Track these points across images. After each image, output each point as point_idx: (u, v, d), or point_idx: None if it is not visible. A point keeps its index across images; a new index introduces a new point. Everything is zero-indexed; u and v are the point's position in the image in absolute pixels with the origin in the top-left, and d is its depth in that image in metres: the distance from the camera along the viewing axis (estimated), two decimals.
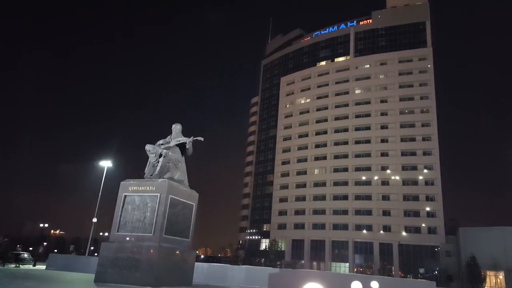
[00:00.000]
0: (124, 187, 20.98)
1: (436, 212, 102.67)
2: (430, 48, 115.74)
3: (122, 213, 20.41)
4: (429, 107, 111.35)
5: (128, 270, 18.88)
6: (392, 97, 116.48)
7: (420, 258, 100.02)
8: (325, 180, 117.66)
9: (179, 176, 22.03)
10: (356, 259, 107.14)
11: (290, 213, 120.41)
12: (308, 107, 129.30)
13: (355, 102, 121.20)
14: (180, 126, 23.39)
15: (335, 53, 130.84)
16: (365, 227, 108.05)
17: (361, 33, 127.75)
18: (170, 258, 20.02)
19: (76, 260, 39.50)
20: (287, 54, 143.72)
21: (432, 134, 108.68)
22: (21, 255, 51.35)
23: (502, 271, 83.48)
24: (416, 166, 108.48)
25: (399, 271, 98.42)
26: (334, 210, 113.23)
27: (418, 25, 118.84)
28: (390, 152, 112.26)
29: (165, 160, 21.57)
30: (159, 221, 19.54)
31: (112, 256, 19.46)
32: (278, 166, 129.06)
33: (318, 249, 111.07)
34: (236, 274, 29.83)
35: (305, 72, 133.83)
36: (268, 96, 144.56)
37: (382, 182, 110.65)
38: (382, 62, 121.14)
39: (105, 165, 53.31)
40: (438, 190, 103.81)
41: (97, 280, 19.21)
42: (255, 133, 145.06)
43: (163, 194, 19.90)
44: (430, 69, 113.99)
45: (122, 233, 20.08)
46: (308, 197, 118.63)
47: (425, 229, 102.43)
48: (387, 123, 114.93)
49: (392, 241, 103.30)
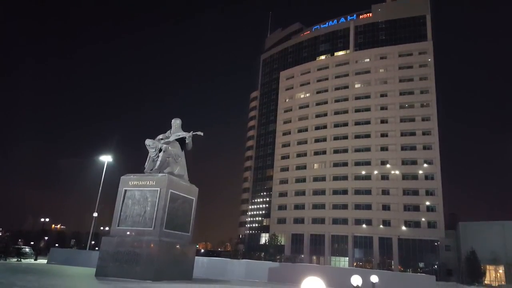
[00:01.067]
0: (124, 181, 21.08)
1: (436, 206, 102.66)
2: (430, 42, 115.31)
3: (122, 208, 20.53)
4: (429, 101, 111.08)
5: (128, 264, 19.00)
6: (392, 91, 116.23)
7: (419, 252, 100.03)
8: (325, 175, 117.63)
9: (179, 171, 22.11)
10: (356, 254, 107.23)
11: (290, 207, 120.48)
12: (307, 102, 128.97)
13: (355, 96, 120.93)
14: (180, 121, 23.46)
15: (335, 47, 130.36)
16: (365, 221, 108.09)
17: (361, 26, 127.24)
18: (170, 252, 20.14)
19: (77, 254, 39.67)
20: (287, 48, 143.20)
21: (432, 128, 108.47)
22: (22, 249, 51.52)
23: (501, 265, 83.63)
24: (416, 161, 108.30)
25: (398, 265, 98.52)
26: (333, 204, 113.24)
27: (418, 18, 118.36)
28: (390, 146, 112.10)
29: (165, 155, 21.63)
30: (159, 215, 19.64)
31: (113, 250, 19.57)
32: (278, 161, 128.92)
33: (318, 244, 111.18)
34: (236, 268, 29.99)
35: (304, 66, 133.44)
36: (268, 90, 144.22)
37: (382, 177, 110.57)
38: (382, 56, 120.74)
39: (106, 160, 53.42)
40: (438, 185, 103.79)
41: (98, 274, 19.33)
42: (254, 128, 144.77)
43: (163, 189, 20.00)
44: (430, 63, 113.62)
45: (123, 227, 20.19)
46: (308, 192, 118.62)
47: (425, 223, 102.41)
48: (387, 117, 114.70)
49: (392, 235, 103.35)
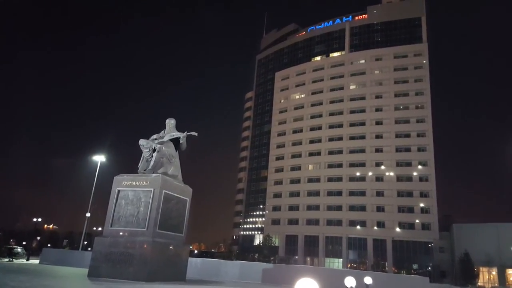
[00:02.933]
0: (117, 182, 20.88)
1: (430, 208, 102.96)
2: (425, 44, 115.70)
3: (115, 208, 20.33)
4: (424, 103, 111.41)
5: (121, 265, 18.82)
6: (387, 92, 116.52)
7: (413, 254, 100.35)
8: (319, 176, 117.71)
9: (173, 171, 21.95)
10: (350, 255, 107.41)
11: (284, 208, 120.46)
12: (302, 103, 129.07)
13: (350, 97, 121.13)
14: (174, 120, 23.30)
15: (330, 48, 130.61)
16: (359, 223, 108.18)
17: (356, 28, 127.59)
18: (164, 253, 19.96)
19: (69, 254, 39.38)
20: (282, 49, 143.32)
21: (426, 130, 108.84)
22: (14, 249, 51.28)
23: (495, 267, 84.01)
24: (411, 162, 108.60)
25: (392, 267, 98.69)
26: (328, 205, 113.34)
27: (414, 20, 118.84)
28: (384, 148, 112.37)
29: (159, 155, 21.47)
30: (153, 216, 19.47)
31: (106, 251, 19.39)
32: (272, 162, 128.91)
33: (312, 245, 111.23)
34: (230, 270, 29.82)
35: (300, 67, 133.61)
36: (263, 91, 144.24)
37: (376, 178, 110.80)
38: (377, 58, 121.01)
39: (99, 160, 52.99)
40: (432, 186, 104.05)
41: (90, 275, 19.13)
42: (249, 129, 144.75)
43: (157, 189, 19.82)
44: (425, 65, 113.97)
45: (116, 228, 20.00)
46: (302, 193, 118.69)
47: (419, 225, 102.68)
48: (381, 119, 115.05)
49: (386, 237, 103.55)
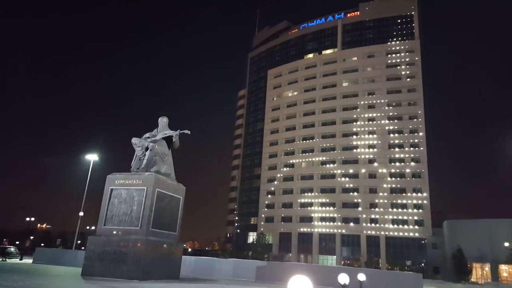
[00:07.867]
0: (110, 180, 20.87)
1: (423, 204, 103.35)
2: (417, 41, 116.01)
3: (108, 207, 20.33)
4: (416, 99, 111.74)
5: (115, 263, 18.82)
6: (379, 89, 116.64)
7: (407, 250, 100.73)
8: (313, 173, 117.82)
9: (165, 170, 21.96)
10: (343, 252, 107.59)
11: (278, 206, 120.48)
12: (295, 100, 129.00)
13: (342, 95, 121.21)
14: (167, 119, 23.32)
15: (323, 46, 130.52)
16: (352, 219, 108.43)
17: (348, 25, 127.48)
18: (157, 252, 19.98)
19: (63, 254, 39.38)
20: (274, 47, 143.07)
21: (419, 126, 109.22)
22: (7, 249, 50.96)
23: (488, 263, 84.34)
24: (404, 159, 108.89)
25: (386, 263, 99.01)
26: (321, 203, 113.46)
27: (406, 17, 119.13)
28: (377, 144, 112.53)
29: (152, 154, 21.48)
30: (146, 214, 19.48)
31: (99, 249, 19.39)
32: (266, 160, 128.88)
33: (306, 242, 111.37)
34: (224, 267, 29.91)
35: (292, 64, 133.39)
36: (255, 89, 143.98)
37: (369, 175, 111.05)
38: (370, 55, 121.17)
39: (92, 159, 52.74)
40: (425, 183, 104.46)
41: (84, 274, 19.13)
42: (242, 126, 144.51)
43: (150, 188, 19.83)
44: (417, 62, 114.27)
45: (109, 226, 20.00)
46: (296, 190, 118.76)
47: (412, 221, 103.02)
48: (374, 116, 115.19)
49: (379, 233, 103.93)
